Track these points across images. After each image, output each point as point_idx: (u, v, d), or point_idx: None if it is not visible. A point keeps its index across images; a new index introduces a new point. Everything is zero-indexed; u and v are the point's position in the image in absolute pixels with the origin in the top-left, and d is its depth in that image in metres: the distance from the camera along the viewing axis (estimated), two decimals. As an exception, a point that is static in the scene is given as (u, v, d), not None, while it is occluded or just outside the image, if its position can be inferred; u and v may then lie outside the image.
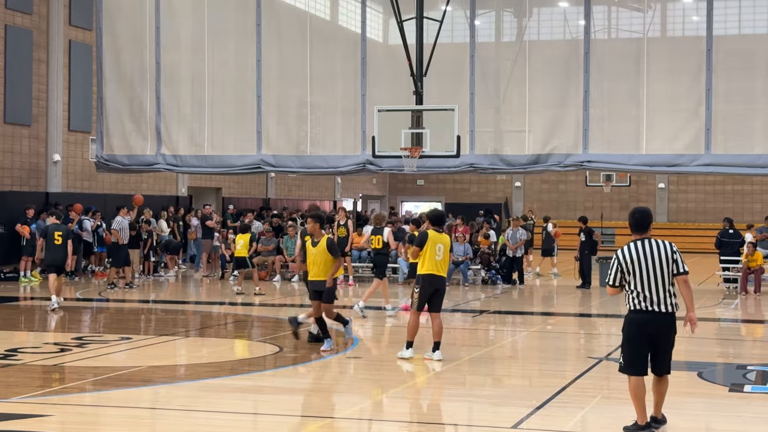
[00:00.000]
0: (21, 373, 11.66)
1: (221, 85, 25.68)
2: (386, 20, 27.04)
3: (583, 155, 23.07)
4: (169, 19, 25.63)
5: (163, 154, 25.53)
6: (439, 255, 12.93)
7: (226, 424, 9.33)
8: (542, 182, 48.88)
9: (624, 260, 8.65)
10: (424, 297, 13.01)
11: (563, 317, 19.22)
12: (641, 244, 8.67)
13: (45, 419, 9.30)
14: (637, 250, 8.66)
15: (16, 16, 27.39)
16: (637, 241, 8.68)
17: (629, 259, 8.63)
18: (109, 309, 19.88)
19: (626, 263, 8.63)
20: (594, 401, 10.56)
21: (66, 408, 9.86)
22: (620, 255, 8.69)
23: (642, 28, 23.93)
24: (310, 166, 25.32)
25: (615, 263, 8.70)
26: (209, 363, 12.69)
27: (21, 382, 11.00)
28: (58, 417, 9.48)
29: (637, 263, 8.61)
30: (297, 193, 42.48)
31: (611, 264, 8.74)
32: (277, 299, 21.83)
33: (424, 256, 12.90)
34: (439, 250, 12.92)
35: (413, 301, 13.08)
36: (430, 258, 12.91)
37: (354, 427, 9.49)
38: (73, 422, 9.30)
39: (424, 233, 13.08)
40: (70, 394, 10.45)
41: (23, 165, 27.76)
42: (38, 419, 9.23)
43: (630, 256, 8.64)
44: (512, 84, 23.99)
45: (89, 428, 9.15)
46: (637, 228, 8.76)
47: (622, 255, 8.67)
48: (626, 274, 8.64)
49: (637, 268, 8.61)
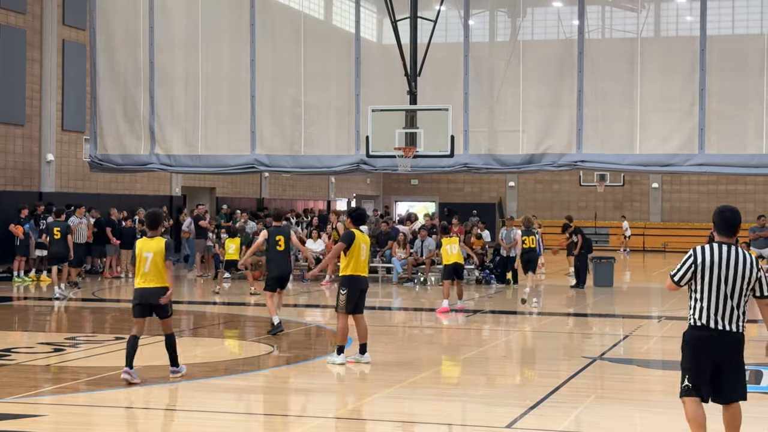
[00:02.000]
0: (15, 373, 11.65)
1: (215, 84, 25.65)
2: (380, 20, 27.04)
3: (576, 155, 23.09)
4: (162, 19, 25.60)
5: (157, 154, 25.50)
6: (363, 255, 12.50)
7: (220, 424, 9.33)
8: (536, 182, 48.93)
9: (701, 262, 7.45)
10: (352, 299, 12.46)
11: (557, 317, 19.24)
12: (726, 249, 7.46)
13: (39, 419, 9.29)
14: (720, 255, 7.45)
15: (10, 15, 27.34)
16: (722, 245, 7.50)
17: (708, 263, 7.44)
18: (103, 309, 19.87)
19: (702, 266, 7.45)
20: (588, 401, 10.57)
21: (60, 408, 9.86)
22: (698, 254, 7.51)
23: (636, 28, 23.95)
24: (304, 166, 25.31)
25: (689, 261, 7.51)
26: (203, 363, 12.69)
27: (15, 382, 10.98)
28: (52, 417, 9.47)
29: (716, 270, 7.43)
30: (291, 193, 42.47)
31: (684, 259, 7.54)
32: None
33: (351, 256, 12.42)
34: (362, 250, 12.50)
35: (340, 305, 12.47)
36: (356, 258, 12.45)
37: (348, 426, 9.49)
38: (67, 422, 9.30)
39: (351, 232, 12.53)
40: (64, 394, 10.44)
41: (17, 165, 27.71)
42: (32, 419, 9.22)
43: (710, 259, 7.44)
44: (506, 84, 23.98)
45: (83, 428, 9.14)
46: (725, 229, 7.58)
47: (701, 255, 7.48)
48: (697, 277, 7.47)
49: (714, 276, 7.43)
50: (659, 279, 30.25)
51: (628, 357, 14.23)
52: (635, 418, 9.97)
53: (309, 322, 17.78)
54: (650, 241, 45.53)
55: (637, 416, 10.02)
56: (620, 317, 19.58)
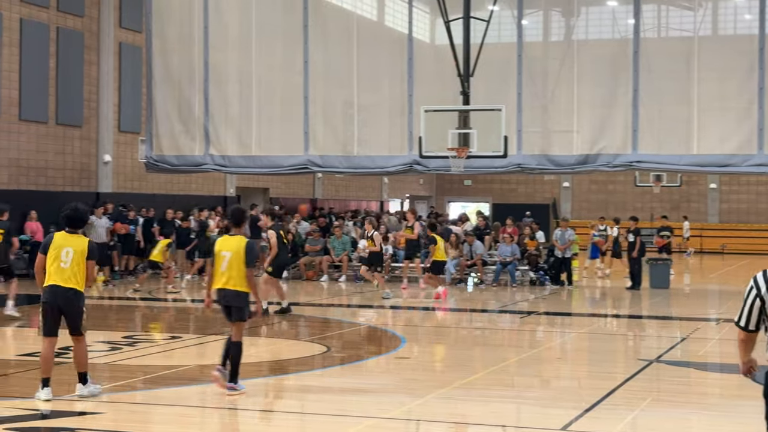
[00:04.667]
0: (73, 372, 11.77)
1: (268, 85, 25.80)
2: (433, 20, 27.01)
3: (632, 155, 22.89)
4: (217, 21, 25.81)
5: (212, 155, 25.72)
6: (65, 263, 9.87)
7: (275, 424, 9.36)
8: (591, 182, 48.53)
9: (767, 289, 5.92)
10: (49, 317, 9.94)
11: (613, 319, 19.06)
12: None
13: (97, 417, 9.40)
14: None
15: (68, 18, 27.72)
16: None
17: None
18: (159, 308, 20.07)
19: None
20: (644, 404, 10.45)
21: (118, 406, 9.96)
22: (761, 282, 5.98)
23: (693, 26, 23.69)
24: (357, 167, 25.37)
25: (752, 294, 6.03)
26: (257, 362, 12.74)
27: (74, 380, 11.11)
28: (110, 414, 9.57)
29: None
30: (344, 194, 42.57)
31: (746, 294, 6.08)
32: (324, 299, 21.88)
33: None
34: (67, 255, 9.89)
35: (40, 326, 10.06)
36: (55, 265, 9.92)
37: (401, 427, 9.48)
38: (124, 420, 9.39)
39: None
40: (122, 392, 10.55)
41: (74, 166, 28.09)
42: (91, 417, 9.34)
43: None
44: (560, 84, 23.85)
45: (140, 426, 9.23)
46: None
47: (765, 283, 5.96)
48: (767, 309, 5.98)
49: None
50: (717, 281, 29.89)
51: (685, 360, 14.05)
52: (692, 421, 9.84)
53: (362, 322, 17.81)
54: (708, 243, 44.93)
55: (695, 420, 9.89)
56: (677, 319, 19.36)
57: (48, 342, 9.91)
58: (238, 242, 10.50)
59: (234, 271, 10.44)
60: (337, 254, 26.43)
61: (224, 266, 10.47)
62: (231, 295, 10.48)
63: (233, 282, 10.45)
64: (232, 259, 10.43)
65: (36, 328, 10.48)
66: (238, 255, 10.43)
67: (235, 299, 10.48)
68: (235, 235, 10.71)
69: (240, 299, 10.50)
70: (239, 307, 10.50)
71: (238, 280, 10.44)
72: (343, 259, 26.31)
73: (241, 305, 10.51)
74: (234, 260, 10.43)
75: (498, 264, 25.38)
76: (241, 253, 10.40)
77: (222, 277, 10.49)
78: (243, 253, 10.40)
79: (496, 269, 25.33)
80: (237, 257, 10.43)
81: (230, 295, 10.49)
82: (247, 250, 10.43)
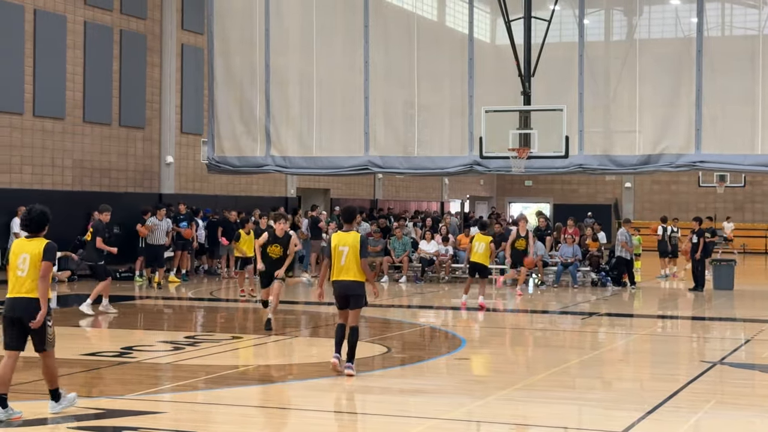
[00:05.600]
0: (136, 371, 11.93)
1: (329, 86, 25.89)
2: (494, 20, 26.90)
3: (695, 155, 22.60)
4: (277, 22, 25.97)
5: (273, 156, 25.88)
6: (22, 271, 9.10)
7: (335, 424, 9.39)
8: (653, 183, 48.01)
9: None
10: (8, 331, 9.21)
11: (675, 320, 18.83)
12: None
13: (159, 416, 9.49)
14: None
15: (131, 20, 28.10)
16: None
17: None
18: (219, 309, 20.23)
19: None
20: (707, 406, 10.31)
21: (179, 405, 10.06)
22: None
23: (757, 24, 23.32)
24: (418, 167, 25.36)
25: None
26: (318, 363, 12.79)
27: (136, 380, 11.26)
28: (172, 414, 9.67)
29: None
30: (405, 194, 42.59)
31: None
32: (385, 300, 21.90)
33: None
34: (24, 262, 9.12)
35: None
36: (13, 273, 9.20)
37: (461, 428, 9.45)
38: (185, 419, 9.48)
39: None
40: (183, 392, 10.65)
41: (137, 167, 28.45)
42: (152, 416, 9.43)
43: None
44: (622, 83, 23.62)
45: (201, 426, 9.30)
46: None
47: None
48: None
49: None
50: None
51: (750, 362, 13.85)
52: (756, 424, 9.69)
53: (423, 323, 17.79)
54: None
55: (758, 423, 9.73)
56: (741, 321, 19.08)
57: (8, 356, 9.08)
58: (354, 237, 11.64)
59: (352, 263, 11.57)
60: (398, 255, 26.47)
61: (343, 260, 11.59)
62: (351, 285, 11.60)
63: (353, 273, 11.57)
64: (350, 252, 11.57)
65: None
66: (354, 248, 11.56)
67: (355, 288, 11.60)
68: (348, 231, 11.79)
69: (359, 288, 11.63)
70: (358, 295, 11.62)
71: (356, 271, 11.57)
72: (404, 260, 26.35)
73: (361, 293, 11.64)
74: (351, 253, 11.57)
75: (559, 265, 25.22)
76: (357, 246, 11.54)
77: (341, 270, 11.61)
78: (358, 247, 11.53)
79: (557, 270, 25.17)
80: (353, 251, 11.57)
81: (351, 285, 11.60)
82: (362, 243, 11.60)
